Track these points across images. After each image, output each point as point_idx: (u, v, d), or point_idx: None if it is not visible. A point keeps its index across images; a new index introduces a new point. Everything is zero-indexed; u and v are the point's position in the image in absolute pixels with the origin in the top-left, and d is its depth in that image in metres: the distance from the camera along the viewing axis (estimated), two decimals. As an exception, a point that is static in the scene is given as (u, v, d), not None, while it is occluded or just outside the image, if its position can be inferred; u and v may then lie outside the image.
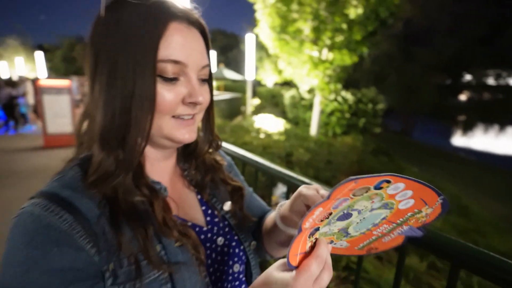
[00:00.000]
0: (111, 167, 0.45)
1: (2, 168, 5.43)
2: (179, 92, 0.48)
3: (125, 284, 0.42)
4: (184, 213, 0.56)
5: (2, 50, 28.60)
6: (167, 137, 0.50)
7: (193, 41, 0.49)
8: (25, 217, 0.40)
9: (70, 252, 0.39)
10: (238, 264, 0.60)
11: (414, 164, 9.72)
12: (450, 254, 0.70)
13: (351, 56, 6.77)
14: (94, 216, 0.43)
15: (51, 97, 6.82)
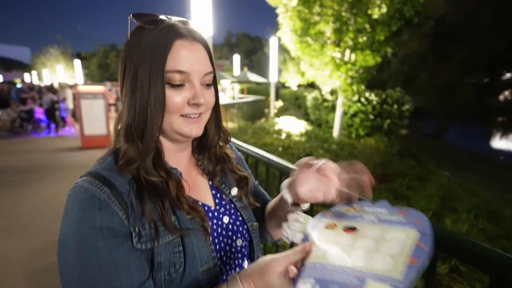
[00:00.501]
0: (134, 154, 0.60)
1: (46, 166, 5.97)
2: (184, 95, 0.59)
3: (147, 242, 0.55)
4: (196, 194, 0.69)
5: (45, 59, 31.02)
6: (177, 132, 0.62)
7: (195, 53, 0.59)
8: (77, 189, 0.55)
9: (107, 215, 0.53)
10: (241, 239, 0.72)
11: (446, 168, 9.27)
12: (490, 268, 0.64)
13: (374, 56, 6.66)
14: (125, 191, 0.57)
15: (88, 102, 7.37)
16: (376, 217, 0.52)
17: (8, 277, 2.60)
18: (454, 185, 6.33)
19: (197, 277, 0.59)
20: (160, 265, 0.56)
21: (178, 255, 0.57)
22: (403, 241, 0.43)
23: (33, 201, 4.21)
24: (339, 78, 6.92)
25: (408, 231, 0.45)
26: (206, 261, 0.60)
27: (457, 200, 5.17)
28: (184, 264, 0.58)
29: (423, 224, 0.46)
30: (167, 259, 0.56)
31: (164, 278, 0.57)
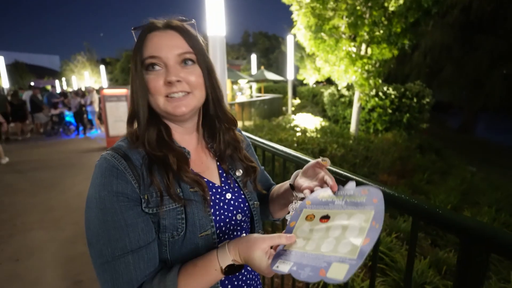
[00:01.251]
0: (133, 135, 0.74)
1: (76, 165, 6.39)
2: (159, 77, 0.69)
3: (153, 208, 0.67)
4: (203, 172, 0.79)
5: (73, 66, 32.71)
6: (165, 112, 0.71)
7: (166, 39, 0.69)
8: (102, 160, 0.68)
9: (123, 183, 0.65)
10: (241, 214, 0.81)
11: (472, 163, 8.89)
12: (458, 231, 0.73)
13: (391, 49, 6.52)
14: (139, 164, 0.69)
15: (112, 104, 7.78)
16: (344, 200, 0.64)
17: (40, 264, 2.87)
18: (477, 180, 6.09)
19: (196, 241, 0.69)
20: (165, 228, 0.67)
21: (180, 221, 0.68)
22: (361, 224, 0.55)
23: (65, 197, 4.55)
24: (355, 73, 6.84)
25: (366, 212, 0.57)
26: (205, 229, 0.70)
27: (480, 195, 4.99)
28: (185, 229, 0.68)
29: (379, 201, 0.58)
30: (171, 224, 0.67)
31: (168, 239, 0.68)
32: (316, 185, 0.73)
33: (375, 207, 0.58)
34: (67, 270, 2.76)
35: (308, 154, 4.39)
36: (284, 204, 0.90)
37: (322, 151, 4.59)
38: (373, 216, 0.56)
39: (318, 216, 0.64)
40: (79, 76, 31.58)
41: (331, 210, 0.64)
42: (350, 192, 0.65)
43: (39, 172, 5.96)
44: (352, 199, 0.63)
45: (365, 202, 0.60)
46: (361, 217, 0.57)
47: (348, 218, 0.59)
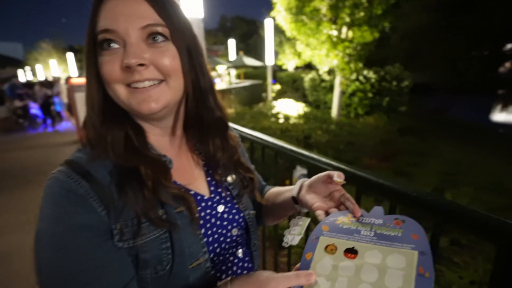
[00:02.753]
0: (91, 139, 0.54)
1: (46, 161, 5.96)
2: (116, 58, 0.50)
3: (129, 240, 0.49)
4: (188, 182, 0.62)
5: (38, 54, 30.58)
6: (128, 107, 0.53)
7: (127, 6, 0.49)
8: (52, 181, 0.49)
9: (84, 213, 0.47)
10: (236, 229, 0.66)
11: (448, 143, 9.21)
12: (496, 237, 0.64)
13: (372, 32, 6.47)
14: (106, 183, 0.51)
15: (82, 94, 7.27)
16: (372, 231, 0.52)
17: (12, 269, 2.63)
18: (456, 160, 6.29)
19: (186, 274, 0.54)
20: (146, 263, 0.51)
21: (165, 251, 0.52)
22: (404, 269, 0.44)
23: (35, 196, 4.20)
24: (336, 56, 6.75)
25: (407, 253, 0.46)
26: (196, 258, 0.55)
27: (459, 174, 5.14)
28: (172, 261, 0.52)
29: (420, 239, 0.47)
30: (153, 256, 0.51)
31: (150, 276, 0.52)
32: (332, 206, 0.59)
33: (418, 247, 0.45)
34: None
35: (293, 141, 4.29)
36: (282, 215, 0.77)
37: (306, 138, 4.51)
38: (417, 260, 0.43)
39: (341, 248, 0.51)
40: (45, 65, 29.60)
41: (357, 242, 0.50)
42: (379, 221, 0.53)
43: (6, 170, 5.50)
44: (383, 231, 0.51)
45: (402, 238, 0.48)
46: (401, 259, 0.45)
47: (384, 258, 0.46)
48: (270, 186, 0.86)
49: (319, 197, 0.62)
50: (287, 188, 0.75)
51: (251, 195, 0.74)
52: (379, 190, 0.92)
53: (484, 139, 11.37)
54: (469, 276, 2.19)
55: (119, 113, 0.56)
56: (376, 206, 0.56)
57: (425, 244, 0.46)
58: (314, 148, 4.29)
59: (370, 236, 0.51)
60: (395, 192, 0.86)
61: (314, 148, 4.29)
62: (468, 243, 2.69)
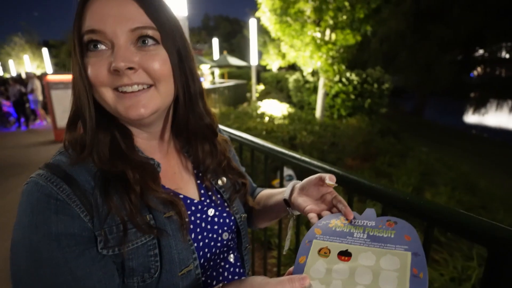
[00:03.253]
0: (77, 144, 0.51)
1: (17, 163, 5.65)
2: (103, 61, 0.48)
3: (115, 247, 0.47)
4: (177, 186, 0.60)
5: (10, 48, 28.98)
6: (115, 112, 0.51)
7: (114, 6, 0.47)
8: (31, 186, 0.46)
9: (66, 219, 0.44)
10: (227, 233, 0.65)
11: (424, 144, 9.58)
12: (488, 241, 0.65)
13: (354, 35, 6.61)
14: (90, 187, 0.48)
15: (59, 92, 6.95)
16: (365, 233, 0.52)
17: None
18: (432, 160, 6.55)
19: (175, 282, 0.52)
20: (132, 271, 0.49)
21: (153, 258, 0.50)
22: (398, 271, 0.44)
23: (7, 199, 3.99)
24: (320, 58, 6.85)
25: (400, 254, 0.46)
26: (186, 264, 0.53)
27: (436, 174, 5.36)
28: (161, 269, 0.50)
29: (413, 240, 0.47)
30: (140, 264, 0.49)
31: (137, 284, 0.49)
32: (324, 208, 0.58)
33: (411, 248, 0.46)
34: None
35: (278, 142, 4.30)
36: (273, 218, 0.77)
37: (292, 139, 4.54)
38: (411, 261, 0.44)
39: (334, 251, 0.51)
40: (18, 60, 28.11)
41: (350, 244, 0.51)
42: (372, 223, 0.53)
43: (-29, 172, 5.17)
44: (375, 233, 0.51)
45: (395, 239, 0.49)
46: (394, 261, 0.45)
47: (378, 259, 0.46)
48: (261, 189, 0.85)
49: (311, 199, 0.62)
50: (278, 191, 0.74)
51: (243, 199, 0.73)
52: (371, 193, 0.94)
53: (458, 140, 11.94)
54: (449, 273, 2.28)
55: (106, 115, 0.53)
56: (368, 208, 0.57)
57: (418, 245, 0.46)
58: (299, 149, 4.32)
59: (363, 238, 0.51)
60: (387, 196, 0.88)
61: (299, 149, 4.32)
62: (446, 241, 2.80)
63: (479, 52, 19.59)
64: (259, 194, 0.83)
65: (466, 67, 19.04)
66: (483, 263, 2.34)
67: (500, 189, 5.67)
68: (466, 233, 0.69)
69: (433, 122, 17.04)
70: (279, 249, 1.49)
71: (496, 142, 12.24)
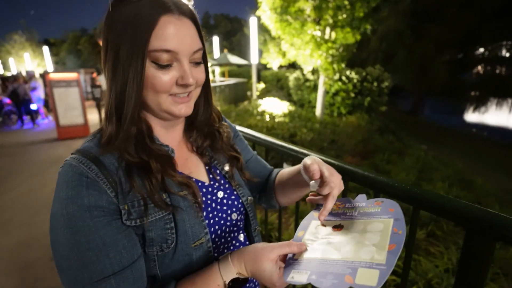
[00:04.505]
0: (114, 136, 0.58)
1: (22, 160, 5.73)
2: (172, 75, 0.57)
3: (136, 219, 0.55)
4: (189, 170, 0.69)
5: (10, 47, 28.93)
6: (166, 112, 0.61)
7: (183, 30, 0.56)
8: (66, 167, 0.54)
9: (95, 194, 0.52)
10: (236, 213, 0.73)
11: (422, 142, 9.66)
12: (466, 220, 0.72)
13: (354, 34, 6.66)
14: (113, 168, 0.56)
15: (61, 90, 7.01)
16: (357, 211, 0.61)
17: (-8, 271, 2.54)
18: (429, 158, 6.63)
19: (189, 252, 0.60)
20: (152, 241, 0.57)
21: (169, 231, 0.58)
22: (382, 231, 0.52)
23: (11, 196, 4.06)
24: (320, 57, 6.90)
25: (384, 221, 0.55)
26: (198, 237, 0.61)
27: (433, 171, 5.44)
28: (176, 240, 0.58)
29: (396, 211, 0.56)
30: (158, 235, 0.57)
31: (157, 253, 0.58)
32: (321, 198, 0.68)
33: (393, 216, 0.55)
34: (21, 279, 2.47)
35: (279, 139, 4.36)
36: (293, 190, 0.83)
37: (292, 136, 4.61)
38: (392, 224, 0.53)
39: (330, 226, 0.60)
40: (18, 59, 28.07)
41: (343, 220, 0.60)
42: (362, 204, 0.63)
43: (-24, 169, 5.24)
44: (365, 210, 0.61)
45: (381, 212, 0.58)
46: (379, 226, 0.54)
47: (365, 226, 0.56)
48: (279, 169, 0.93)
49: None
50: (295, 168, 0.81)
51: (242, 175, 0.80)
52: (364, 181, 1.02)
53: (455, 139, 12.01)
54: (444, 264, 2.37)
55: (138, 112, 0.61)
56: (360, 194, 0.66)
57: (399, 213, 0.56)
58: (299, 146, 4.39)
59: (355, 215, 0.61)
60: (379, 183, 0.96)
61: (299, 146, 4.39)
62: (442, 235, 2.89)
63: (478, 51, 19.59)
64: (279, 173, 0.89)
65: (464, 66, 19.05)
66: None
67: (494, 186, 5.76)
68: (446, 213, 0.77)
69: (431, 121, 17.10)
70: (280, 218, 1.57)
71: (493, 141, 12.31)
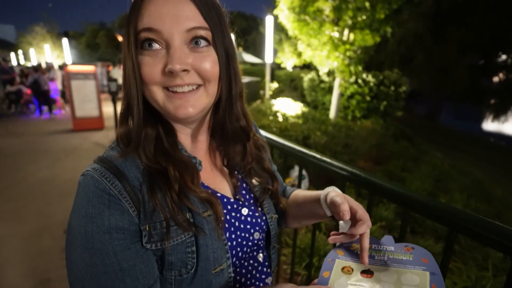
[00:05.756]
0: (126, 137, 0.54)
1: (38, 149, 5.85)
2: (157, 60, 0.49)
3: (157, 242, 0.51)
4: (215, 184, 0.63)
5: (31, 38, 29.75)
6: (163, 110, 0.53)
7: (169, 5, 0.48)
8: (88, 179, 0.49)
9: (117, 214, 0.48)
10: (258, 232, 0.67)
11: (438, 149, 9.38)
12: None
13: (373, 36, 6.50)
14: (138, 184, 0.51)
15: (79, 82, 7.13)
16: (386, 256, 0.56)
17: (2, 261, 2.58)
18: (447, 166, 6.42)
19: (209, 279, 0.55)
20: (171, 265, 0.53)
21: (190, 255, 0.53)
22: (418, 285, 0.48)
23: (25, 184, 4.14)
24: (337, 58, 6.77)
25: (419, 273, 0.50)
26: (220, 263, 0.56)
27: (450, 181, 5.25)
28: (197, 265, 0.54)
29: (430, 262, 0.52)
30: (179, 259, 0.53)
31: (174, 278, 0.54)
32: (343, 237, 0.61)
33: (428, 269, 0.50)
34: (32, 268, 2.50)
35: (292, 141, 4.30)
36: (307, 217, 0.77)
37: (305, 138, 4.53)
38: (429, 279, 0.48)
39: (357, 270, 0.54)
40: (38, 50, 28.83)
41: (372, 265, 0.54)
42: (391, 248, 0.58)
43: (-5, 156, 5.39)
44: (395, 256, 0.55)
45: (413, 262, 0.53)
46: (414, 278, 0.49)
47: (399, 277, 0.50)
48: (293, 188, 0.87)
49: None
50: (314, 192, 0.75)
51: (274, 200, 0.75)
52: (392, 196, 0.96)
53: (474, 147, 11.63)
54: (463, 282, 2.25)
55: (153, 112, 0.56)
56: (386, 235, 0.61)
57: (435, 266, 0.50)
58: (313, 149, 4.31)
59: (384, 260, 0.55)
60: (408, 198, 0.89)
61: (313, 149, 4.31)
62: (460, 250, 2.77)
63: (501, 57, 18.90)
64: (292, 193, 0.83)
65: (487, 71, 18.42)
66: (498, 273, 2.31)
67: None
68: (487, 239, 0.70)
69: (449, 127, 16.64)
70: (294, 248, 1.52)
71: (514, 151, 11.86)
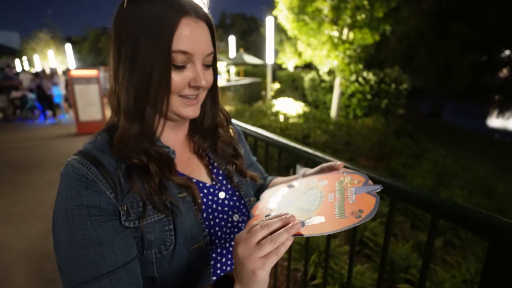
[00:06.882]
0: (133, 136, 0.58)
1: (43, 153, 5.95)
2: (186, 76, 0.58)
3: (135, 220, 0.56)
4: (191, 171, 0.70)
5: (35, 44, 30.11)
6: (175, 113, 0.61)
7: (199, 33, 0.57)
8: (68, 168, 0.55)
9: (94, 194, 0.53)
10: (237, 214, 0.72)
11: (441, 146, 9.35)
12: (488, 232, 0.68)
13: (372, 34, 6.52)
14: (113, 169, 0.57)
15: (82, 87, 7.24)
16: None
17: (9, 263, 2.63)
18: (449, 163, 6.40)
19: (187, 255, 0.61)
20: (150, 243, 0.57)
21: (168, 233, 0.58)
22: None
23: (31, 188, 4.21)
24: (337, 57, 6.80)
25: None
26: (197, 240, 0.62)
27: (452, 177, 5.25)
28: (175, 243, 0.59)
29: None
30: (157, 237, 0.58)
31: (155, 256, 0.58)
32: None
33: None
34: (39, 268, 2.55)
35: (292, 140, 4.34)
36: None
37: (305, 137, 4.56)
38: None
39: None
40: (42, 55, 29.20)
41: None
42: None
43: (2, 161, 5.48)
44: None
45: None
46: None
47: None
48: (273, 176, 0.93)
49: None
50: (291, 177, 0.82)
51: (244, 174, 0.79)
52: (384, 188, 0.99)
53: (477, 144, 11.56)
54: (462, 275, 2.27)
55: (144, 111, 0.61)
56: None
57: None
58: (313, 148, 4.35)
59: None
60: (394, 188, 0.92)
61: (313, 148, 4.35)
62: (460, 244, 2.78)
63: (504, 53, 18.74)
64: (273, 180, 0.89)
65: (490, 68, 18.29)
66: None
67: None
68: (468, 224, 0.73)
69: (451, 124, 16.55)
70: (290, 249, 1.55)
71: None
